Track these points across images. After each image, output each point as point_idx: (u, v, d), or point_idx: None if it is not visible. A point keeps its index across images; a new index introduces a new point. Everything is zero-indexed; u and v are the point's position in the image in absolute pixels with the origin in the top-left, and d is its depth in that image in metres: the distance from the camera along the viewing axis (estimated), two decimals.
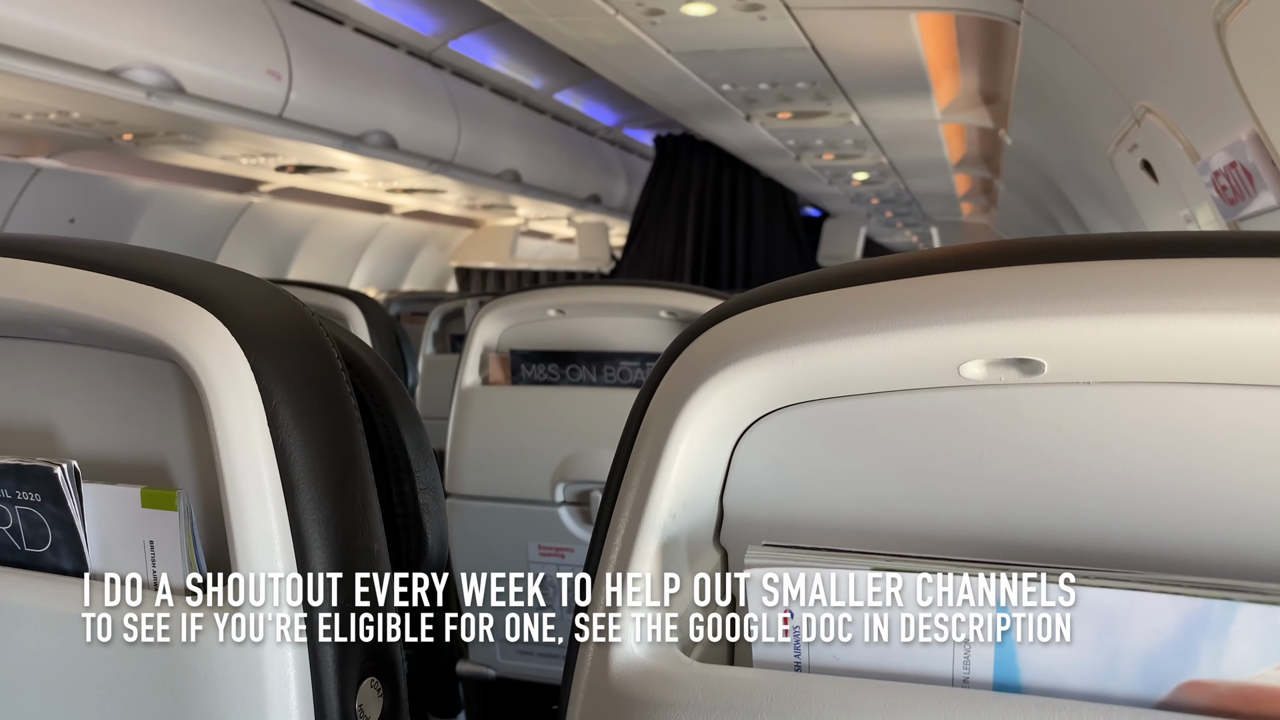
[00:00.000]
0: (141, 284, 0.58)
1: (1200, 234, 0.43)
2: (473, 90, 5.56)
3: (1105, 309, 0.41)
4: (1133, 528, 0.46)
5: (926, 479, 0.50)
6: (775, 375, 0.47)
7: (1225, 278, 0.40)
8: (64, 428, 0.65)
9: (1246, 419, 0.44)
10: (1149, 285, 0.41)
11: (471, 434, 1.87)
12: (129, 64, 3.35)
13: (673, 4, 2.31)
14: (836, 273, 0.47)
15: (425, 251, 8.18)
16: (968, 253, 0.45)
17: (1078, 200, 3.62)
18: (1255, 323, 0.40)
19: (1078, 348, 0.43)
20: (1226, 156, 1.59)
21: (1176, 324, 0.41)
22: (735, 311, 0.48)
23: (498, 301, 1.89)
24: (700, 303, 1.81)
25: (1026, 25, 2.20)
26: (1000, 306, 0.43)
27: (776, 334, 0.46)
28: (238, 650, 0.55)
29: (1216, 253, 0.41)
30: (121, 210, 5.24)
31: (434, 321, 3.21)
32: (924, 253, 0.47)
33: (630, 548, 0.47)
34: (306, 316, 0.63)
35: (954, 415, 0.49)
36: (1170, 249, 0.42)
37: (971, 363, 0.45)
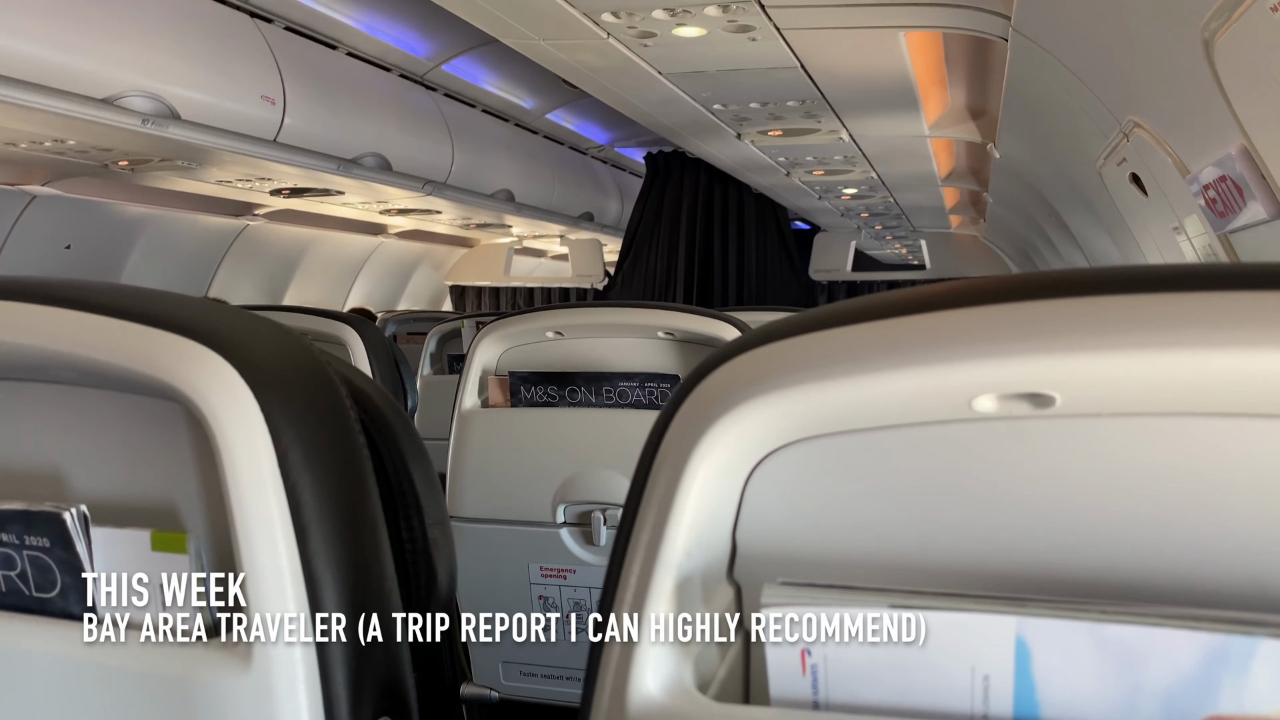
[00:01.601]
0: (148, 326, 0.58)
1: (1209, 267, 0.43)
2: (465, 111, 5.58)
3: (1116, 344, 0.42)
4: (1148, 559, 0.46)
5: (940, 511, 0.50)
6: (788, 411, 0.47)
7: (1234, 312, 0.41)
8: (72, 470, 0.65)
9: (1262, 450, 0.44)
10: (1159, 320, 0.42)
11: (472, 456, 1.87)
12: (124, 91, 3.36)
13: (664, 27, 2.34)
14: (847, 309, 0.47)
15: (420, 271, 8.19)
16: (978, 288, 0.46)
17: (1066, 212, 3.64)
18: (1266, 357, 0.40)
19: (1089, 382, 0.43)
20: (1216, 170, 1.60)
21: (1187, 358, 0.41)
22: (747, 348, 0.48)
23: (496, 324, 1.90)
24: (696, 322, 1.82)
25: (1014, 42, 2.22)
26: (1011, 343, 0.43)
27: (789, 371, 0.46)
28: (250, 694, 0.55)
29: (1225, 286, 0.42)
30: (117, 236, 5.23)
31: (431, 343, 3.21)
32: (934, 288, 0.47)
33: (645, 587, 0.47)
34: (313, 355, 0.63)
35: (966, 448, 0.49)
36: (1180, 283, 0.42)
37: (983, 397, 0.45)
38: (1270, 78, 1.22)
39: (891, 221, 6.96)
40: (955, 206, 6.22)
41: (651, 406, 1.80)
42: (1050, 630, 0.41)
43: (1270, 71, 1.21)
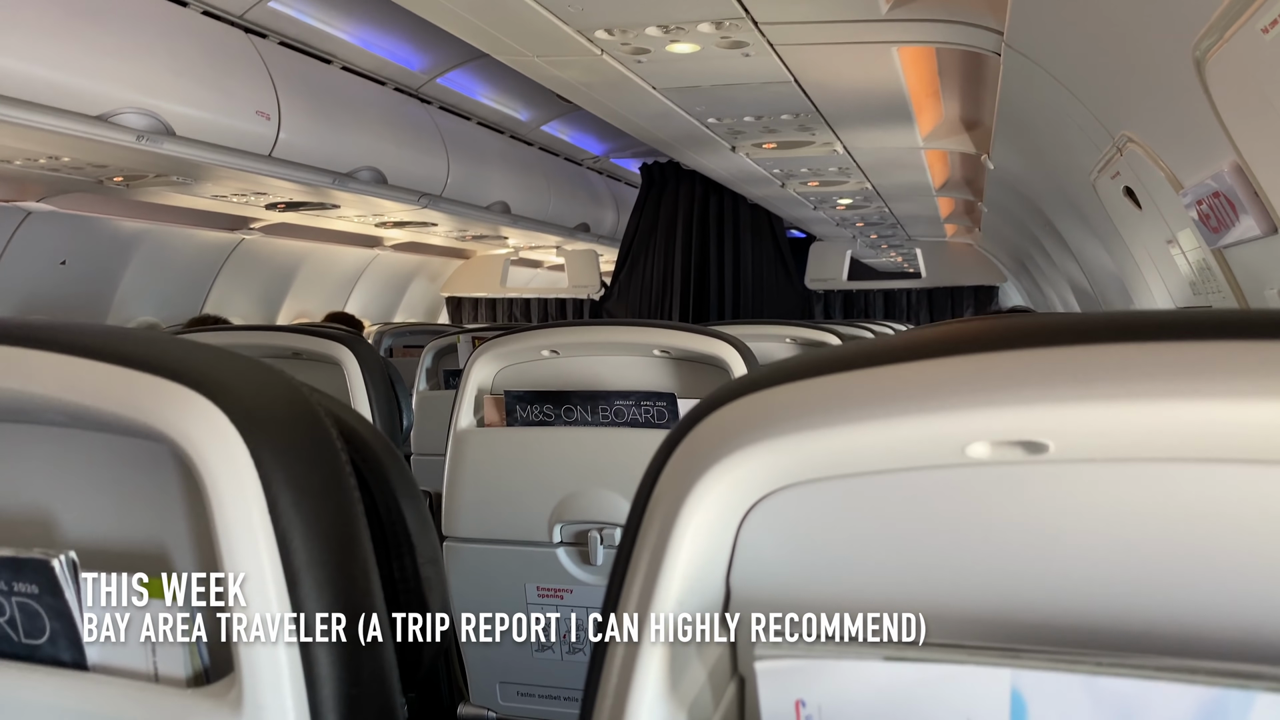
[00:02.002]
0: (134, 370, 0.58)
1: (1200, 315, 0.43)
2: (460, 124, 5.59)
3: (1108, 394, 0.42)
4: (1144, 606, 0.46)
5: (932, 556, 0.50)
6: (781, 458, 0.47)
7: (1229, 361, 0.40)
8: (61, 513, 0.64)
9: (1257, 496, 0.44)
10: (1151, 369, 0.41)
11: (468, 476, 1.86)
12: (119, 108, 3.36)
13: (657, 43, 2.34)
14: (840, 356, 0.47)
15: (417, 283, 8.19)
16: (969, 335, 0.45)
17: (1060, 222, 3.65)
18: (1260, 407, 0.40)
19: (1081, 430, 0.43)
20: (1209, 186, 1.60)
21: (1181, 408, 0.41)
22: (740, 395, 0.48)
23: (491, 343, 1.89)
24: (693, 340, 1.82)
25: (1007, 57, 2.23)
26: (1003, 392, 0.43)
27: (779, 420, 0.46)
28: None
29: (1217, 335, 0.41)
30: (113, 251, 5.23)
31: (427, 358, 3.20)
32: (926, 334, 0.47)
33: (639, 639, 0.46)
34: (303, 396, 0.63)
35: (959, 493, 0.49)
36: (1173, 331, 0.42)
37: (976, 444, 0.45)
38: (1262, 97, 1.23)
39: (887, 231, 6.98)
40: (950, 215, 6.24)
41: (648, 425, 1.79)
42: (1045, 683, 0.41)
43: (1262, 91, 1.21)
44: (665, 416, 1.81)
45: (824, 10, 2.12)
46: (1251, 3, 1.10)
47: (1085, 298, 4.39)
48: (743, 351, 1.78)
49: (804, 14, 2.15)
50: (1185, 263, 2.11)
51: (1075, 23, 1.79)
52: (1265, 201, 1.44)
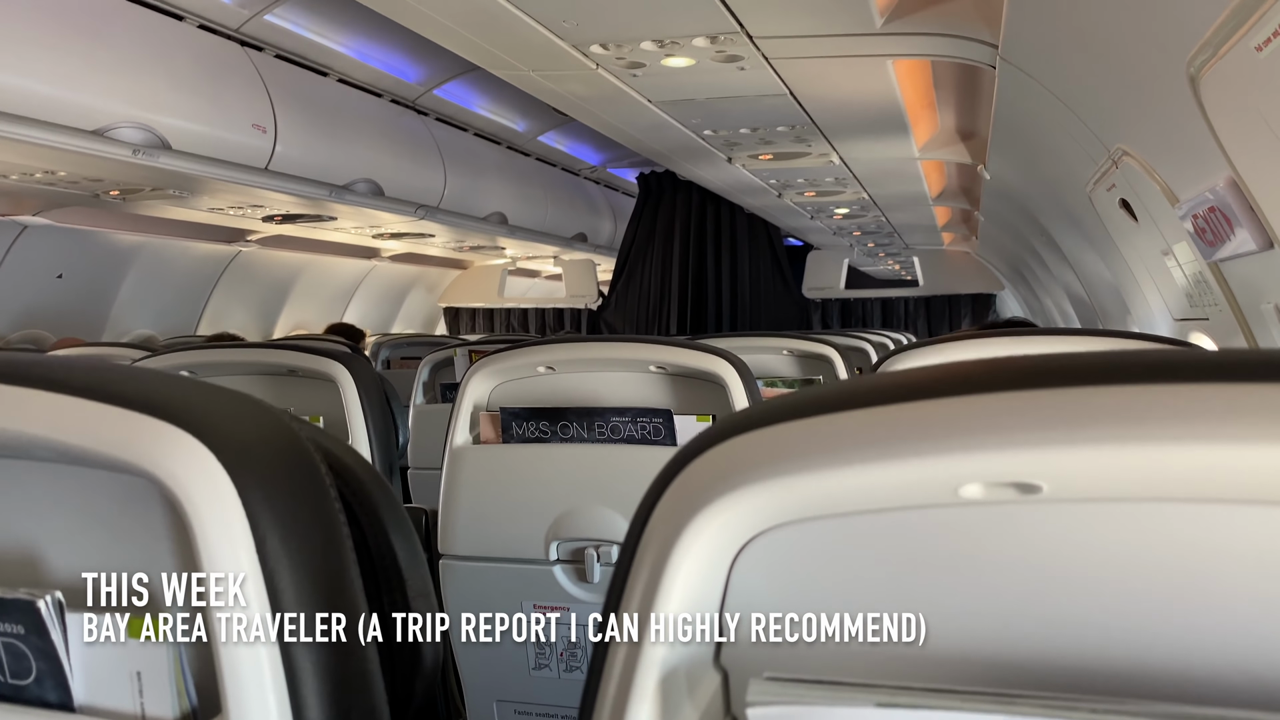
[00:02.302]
0: (120, 407, 0.57)
1: (1194, 356, 0.43)
2: (457, 135, 5.60)
3: (1100, 437, 0.41)
4: (1139, 649, 0.46)
5: (926, 596, 0.49)
6: (772, 499, 0.46)
7: (1221, 405, 0.40)
8: (47, 550, 0.64)
9: (1255, 537, 0.44)
10: (1143, 413, 0.41)
11: (463, 494, 1.85)
12: (115, 123, 3.36)
13: (652, 58, 2.34)
14: (831, 396, 0.47)
15: (414, 293, 8.19)
16: (961, 377, 0.45)
17: (1057, 232, 3.65)
18: (1255, 451, 0.40)
19: (1074, 473, 0.43)
20: (1205, 200, 1.60)
21: (1174, 451, 0.41)
22: (728, 436, 0.48)
23: (487, 360, 1.89)
24: (689, 357, 1.81)
25: (1002, 69, 2.23)
26: (994, 435, 0.42)
27: (771, 462, 0.45)
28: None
29: (1212, 377, 0.41)
30: (110, 264, 5.23)
31: (424, 372, 3.19)
32: (919, 374, 0.47)
33: (629, 684, 0.46)
34: (291, 432, 0.63)
35: (952, 532, 0.48)
36: (1165, 373, 0.42)
37: (969, 485, 0.45)
38: (1256, 114, 1.23)
39: (884, 239, 6.98)
40: (947, 224, 6.25)
41: (644, 442, 1.78)
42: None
43: (1256, 108, 1.21)
44: (661, 433, 1.81)
45: (818, 24, 2.13)
46: (1244, 21, 1.10)
47: (1082, 307, 4.39)
48: (739, 367, 1.77)
49: (798, 28, 2.15)
50: (1182, 275, 2.11)
51: (1069, 37, 1.80)
52: (1261, 217, 1.44)
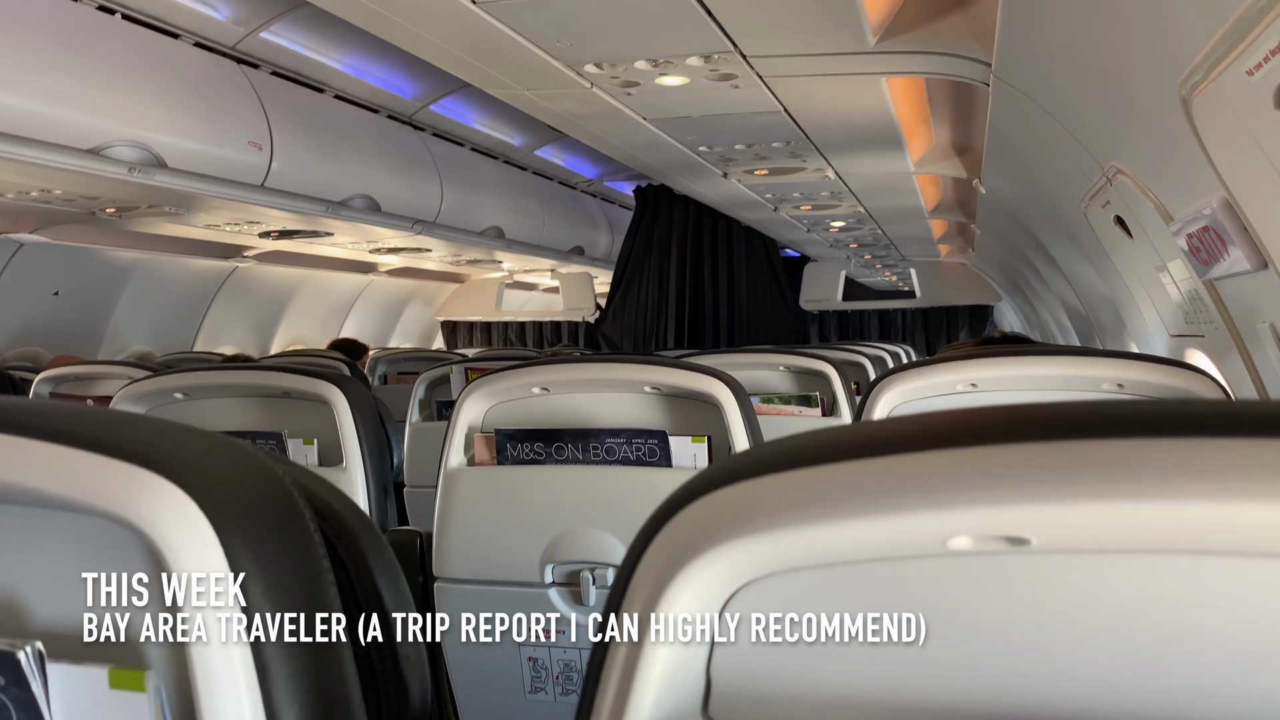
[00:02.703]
0: (97, 453, 0.56)
1: (1185, 409, 0.42)
2: (454, 150, 5.61)
3: (1088, 493, 0.41)
4: (1129, 699, 0.45)
5: (916, 646, 0.48)
6: (759, 552, 0.46)
7: (1211, 461, 0.40)
8: (29, 597, 0.63)
9: (1247, 588, 0.43)
10: (1135, 469, 0.40)
11: (458, 516, 1.84)
12: (110, 141, 3.37)
13: (646, 77, 2.35)
14: (818, 446, 0.46)
15: (411, 307, 8.19)
16: (949, 428, 0.44)
17: (1053, 246, 3.66)
18: (1247, 508, 0.39)
19: (1063, 527, 0.42)
20: (1199, 220, 1.60)
21: (1162, 508, 0.40)
22: (713, 488, 0.47)
23: (481, 382, 1.88)
24: (684, 378, 1.80)
25: (995, 87, 2.24)
26: (984, 490, 0.42)
27: (758, 516, 0.45)
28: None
29: (1201, 432, 0.41)
30: (106, 280, 5.22)
31: (419, 389, 3.18)
32: (907, 424, 0.46)
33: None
34: (274, 475, 0.62)
35: (941, 582, 0.48)
36: (1155, 427, 0.41)
37: (957, 538, 0.44)
38: (1249, 137, 1.23)
39: (880, 251, 6.99)
40: (944, 236, 6.26)
41: (639, 463, 1.78)
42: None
43: (1249, 131, 1.21)
44: (657, 454, 1.80)
45: (812, 43, 2.13)
46: (1236, 45, 1.10)
47: (1079, 320, 4.39)
48: (734, 388, 1.77)
49: (792, 47, 2.16)
50: (1177, 291, 2.11)
51: (1062, 56, 1.80)
52: (1255, 237, 1.44)
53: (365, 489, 1.89)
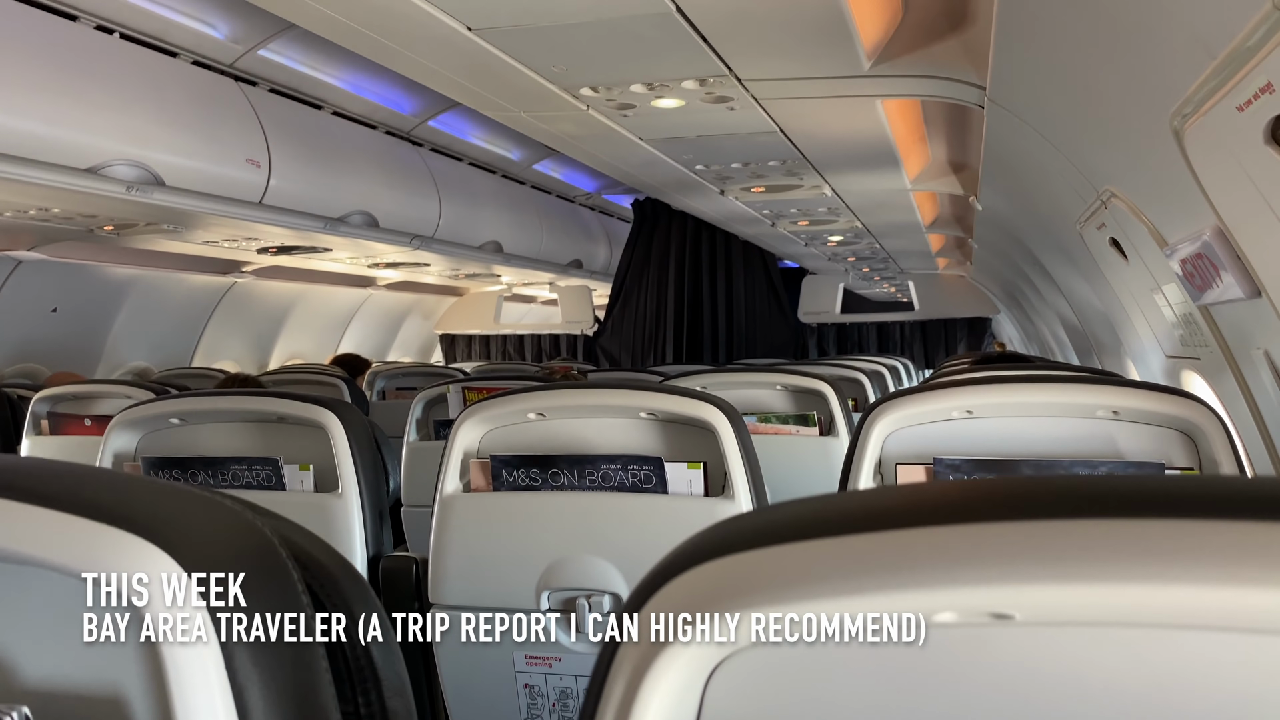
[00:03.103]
0: (80, 517, 0.56)
1: (1176, 486, 0.42)
2: (452, 165, 5.62)
3: (1075, 575, 0.41)
4: None
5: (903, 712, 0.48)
6: (741, 630, 0.45)
7: (1194, 544, 0.40)
8: (17, 657, 0.63)
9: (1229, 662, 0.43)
10: (1120, 551, 0.40)
11: (454, 542, 1.84)
12: (108, 160, 3.37)
13: (642, 100, 2.36)
14: (802, 520, 0.46)
15: (410, 320, 8.19)
16: (934, 503, 0.44)
17: (1049, 262, 3.66)
18: (1232, 592, 0.39)
19: (1046, 605, 0.42)
20: (1192, 246, 1.60)
21: (1150, 590, 0.40)
22: (694, 563, 0.47)
23: (477, 407, 1.88)
24: (679, 404, 1.80)
25: (990, 110, 2.24)
26: (968, 570, 0.42)
27: (739, 594, 0.45)
28: None
29: (1186, 513, 0.41)
30: (104, 297, 5.23)
31: (417, 409, 3.18)
32: (892, 496, 0.46)
33: None
34: (259, 534, 0.62)
35: (925, 654, 0.48)
36: (1144, 506, 0.41)
37: (941, 614, 0.44)
38: (1240, 169, 1.23)
39: (879, 264, 7.00)
40: (941, 250, 6.27)
41: (635, 489, 1.77)
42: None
43: (1240, 164, 1.22)
44: (652, 481, 1.80)
45: (806, 67, 2.14)
46: (1226, 81, 1.11)
47: (1076, 335, 4.39)
48: (729, 414, 1.77)
49: (787, 71, 2.17)
50: (1172, 314, 2.11)
51: (1056, 82, 1.81)
52: (1248, 265, 1.44)
53: (361, 515, 1.89)
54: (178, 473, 1.92)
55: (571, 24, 1.79)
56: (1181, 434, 1.50)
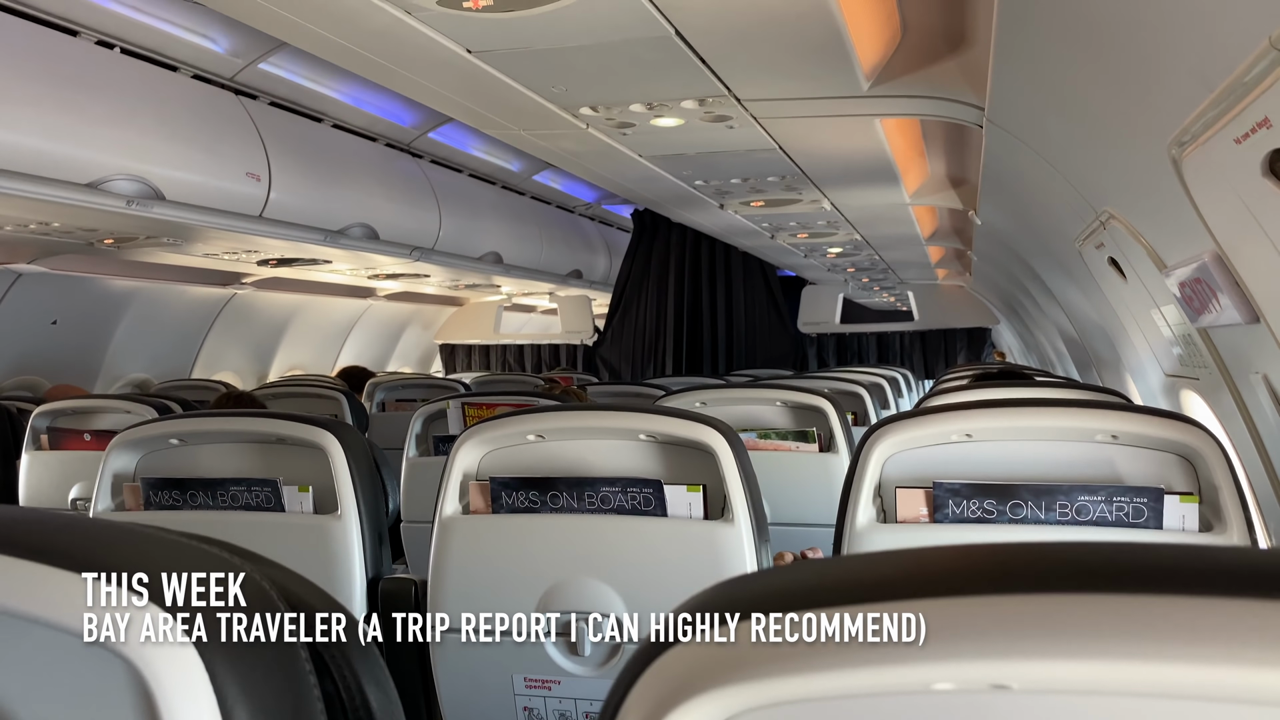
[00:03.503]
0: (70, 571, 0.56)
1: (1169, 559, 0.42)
2: (452, 177, 5.63)
3: (1072, 653, 0.41)
4: None
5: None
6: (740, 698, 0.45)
7: (1201, 624, 0.40)
8: (10, 712, 0.62)
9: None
10: (1118, 629, 0.40)
11: (453, 565, 1.83)
12: (109, 175, 3.38)
13: (641, 119, 2.36)
14: (800, 588, 0.46)
15: (410, 330, 8.19)
16: (933, 573, 0.44)
17: (1048, 277, 3.67)
18: (1231, 671, 0.39)
19: (1044, 678, 0.42)
20: (1191, 270, 1.61)
21: (1148, 669, 0.40)
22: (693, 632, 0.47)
23: (476, 429, 1.88)
24: (679, 426, 1.80)
25: (989, 130, 2.25)
26: (966, 645, 0.42)
27: (738, 668, 0.45)
28: None
29: (1193, 589, 0.41)
30: (104, 309, 5.23)
31: (416, 424, 3.18)
32: (890, 566, 0.46)
33: None
34: (257, 586, 0.62)
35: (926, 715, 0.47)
36: (1142, 581, 0.41)
37: (940, 684, 0.44)
38: (1238, 199, 1.23)
39: (878, 275, 7.01)
40: (941, 261, 6.28)
41: (634, 512, 1.77)
42: None
43: (1238, 194, 1.22)
44: (652, 503, 1.79)
45: (806, 88, 2.15)
46: (1224, 114, 1.11)
47: (1075, 347, 4.40)
48: (729, 437, 1.77)
49: (786, 91, 2.17)
50: (1171, 334, 2.11)
51: (1055, 105, 1.81)
52: (1246, 291, 1.45)
53: (360, 537, 1.89)
54: (177, 493, 1.91)
55: (571, 47, 1.80)
56: (1181, 458, 1.50)
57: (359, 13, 1.62)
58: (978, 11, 1.95)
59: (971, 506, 1.55)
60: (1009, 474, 1.56)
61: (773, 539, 1.86)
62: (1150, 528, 1.46)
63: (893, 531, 1.54)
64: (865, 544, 1.55)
